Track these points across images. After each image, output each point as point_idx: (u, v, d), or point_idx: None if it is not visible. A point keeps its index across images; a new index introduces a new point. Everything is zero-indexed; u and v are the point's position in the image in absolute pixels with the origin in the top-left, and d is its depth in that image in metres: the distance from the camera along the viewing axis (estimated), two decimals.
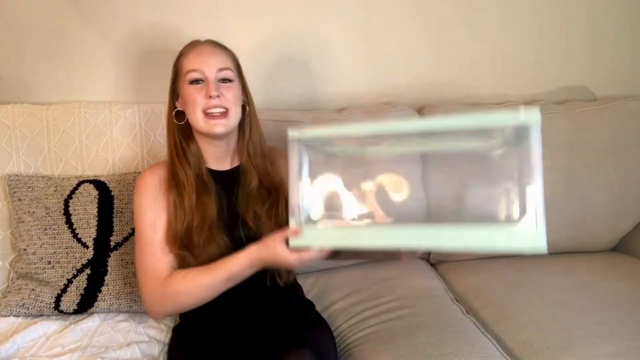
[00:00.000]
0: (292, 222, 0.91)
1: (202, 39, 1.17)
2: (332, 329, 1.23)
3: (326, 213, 0.93)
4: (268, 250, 0.96)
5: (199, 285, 1.04)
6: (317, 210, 0.94)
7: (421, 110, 1.65)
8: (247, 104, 1.18)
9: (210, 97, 1.08)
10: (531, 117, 0.77)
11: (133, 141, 1.46)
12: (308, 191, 0.93)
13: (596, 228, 1.59)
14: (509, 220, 0.79)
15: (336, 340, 1.23)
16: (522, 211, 0.77)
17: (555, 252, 1.60)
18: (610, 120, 1.62)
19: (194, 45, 1.15)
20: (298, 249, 0.92)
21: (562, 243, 1.59)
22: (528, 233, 0.76)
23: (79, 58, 1.58)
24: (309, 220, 0.93)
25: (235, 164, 1.20)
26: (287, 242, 0.93)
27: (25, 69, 1.56)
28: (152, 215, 1.11)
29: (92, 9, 1.55)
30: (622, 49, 1.80)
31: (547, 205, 1.52)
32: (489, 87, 1.76)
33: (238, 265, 1.01)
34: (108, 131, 1.45)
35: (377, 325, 1.25)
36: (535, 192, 0.77)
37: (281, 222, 1.08)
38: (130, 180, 1.38)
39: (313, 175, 0.94)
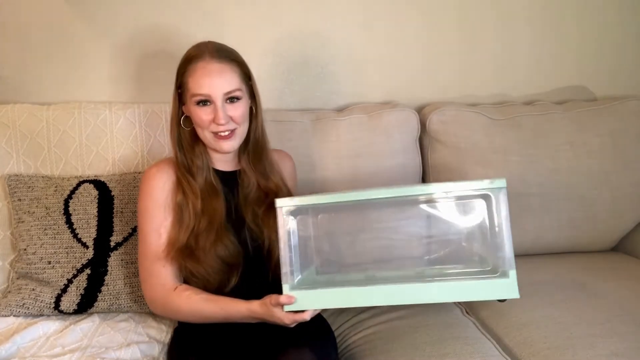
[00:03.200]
0: (286, 288, 0.95)
1: (206, 41, 1.13)
2: (332, 329, 1.23)
3: (321, 268, 1.02)
4: (266, 311, 0.97)
5: (198, 312, 1.07)
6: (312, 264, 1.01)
7: (421, 110, 1.65)
8: (254, 108, 1.17)
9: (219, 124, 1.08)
10: (498, 184, 0.89)
11: (133, 141, 1.46)
12: (300, 253, 0.97)
13: (596, 228, 1.59)
14: (486, 272, 0.93)
15: (337, 340, 1.22)
16: (497, 265, 0.91)
17: (555, 252, 1.61)
18: (610, 120, 1.62)
19: (199, 57, 1.08)
20: (293, 312, 0.97)
21: (562, 243, 1.59)
22: (504, 284, 0.89)
23: (79, 58, 1.58)
24: (304, 279, 0.98)
25: (240, 165, 1.20)
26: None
27: (25, 69, 1.57)
28: (158, 219, 1.11)
29: (92, 9, 1.55)
30: (623, 49, 1.80)
31: (547, 205, 1.53)
32: (488, 87, 1.76)
33: (238, 312, 1.03)
34: (108, 131, 1.45)
35: (377, 325, 1.25)
36: (507, 249, 0.90)
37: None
38: (130, 180, 1.38)
39: (307, 236, 0.99)
